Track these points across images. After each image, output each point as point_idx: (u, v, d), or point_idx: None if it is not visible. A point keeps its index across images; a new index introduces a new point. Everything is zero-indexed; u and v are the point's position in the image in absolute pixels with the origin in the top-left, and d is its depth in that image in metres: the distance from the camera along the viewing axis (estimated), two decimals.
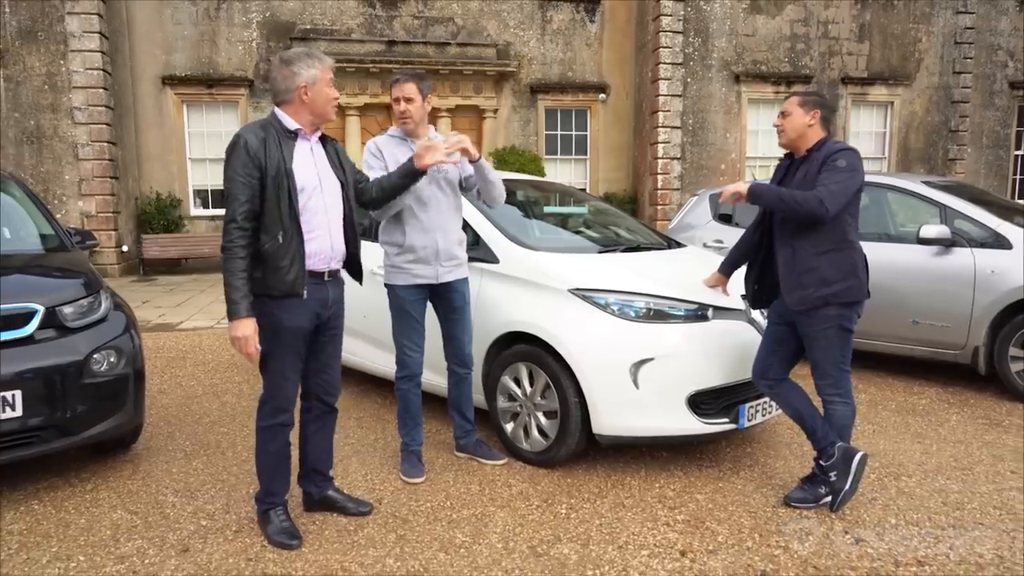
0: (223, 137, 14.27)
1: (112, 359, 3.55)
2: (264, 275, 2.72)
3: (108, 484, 3.53)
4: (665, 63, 14.07)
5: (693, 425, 3.44)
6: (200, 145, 14.34)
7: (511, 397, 3.81)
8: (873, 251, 5.43)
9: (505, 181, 5.03)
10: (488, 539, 2.92)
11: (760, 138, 14.73)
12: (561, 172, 15.85)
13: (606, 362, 3.42)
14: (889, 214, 5.50)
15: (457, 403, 3.82)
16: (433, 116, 14.84)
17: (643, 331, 3.45)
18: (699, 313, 3.56)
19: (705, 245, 6.43)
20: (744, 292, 3.72)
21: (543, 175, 14.93)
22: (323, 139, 2.95)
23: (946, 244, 4.99)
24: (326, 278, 2.90)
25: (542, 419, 3.67)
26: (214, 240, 13.06)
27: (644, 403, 3.41)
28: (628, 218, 5.12)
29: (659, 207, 14.31)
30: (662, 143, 14.28)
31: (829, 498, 3.17)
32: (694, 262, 4.31)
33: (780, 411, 3.74)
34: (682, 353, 3.44)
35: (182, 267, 13.82)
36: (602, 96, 15.54)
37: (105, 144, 12.68)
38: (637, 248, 4.32)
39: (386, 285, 3.58)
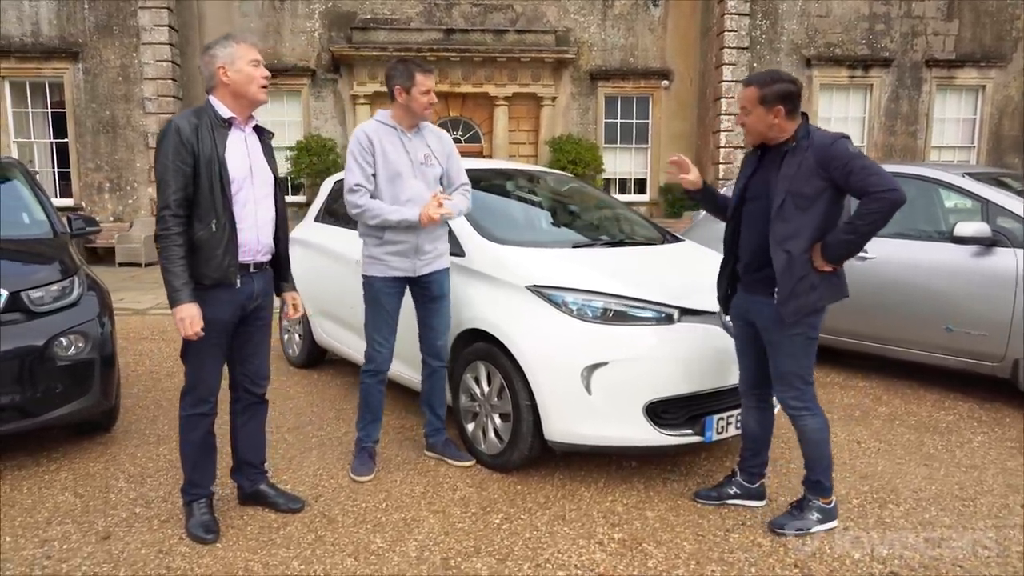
0: (286, 127, 14.67)
1: (80, 343, 3.62)
2: (196, 263, 2.68)
3: (71, 466, 3.61)
4: (730, 47, 13.45)
5: (651, 436, 3.19)
6: None
7: (472, 396, 3.65)
8: (905, 249, 4.99)
9: (497, 170, 4.88)
10: (405, 547, 2.78)
11: (833, 126, 13.83)
12: (620, 161, 15.47)
13: (557, 365, 3.21)
14: (924, 208, 4.98)
15: (429, 398, 3.71)
16: (490, 104, 14.80)
17: (599, 333, 3.21)
18: (664, 316, 3.29)
19: None
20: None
21: (600, 165, 14.63)
22: (260, 130, 2.88)
23: (986, 243, 4.46)
24: (252, 270, 2.83)
25: (498, 421, 3.50)
26: None
27: (597, 410, 3.18)
28: (626, 209, 4.84)
29: None
30: (725, 131, 13.69)
31: (823, 526, 2.88)
32: (681, 259, 4.03)
33: None
34: (640, 358, 3.18)
35: None
36: (665, 83, 15.03)
37: None
38: (620, 243, 4.06)
39: (363, 276, 3.48)
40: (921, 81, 13.80)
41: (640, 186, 15.56)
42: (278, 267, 3.01)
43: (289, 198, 14.57)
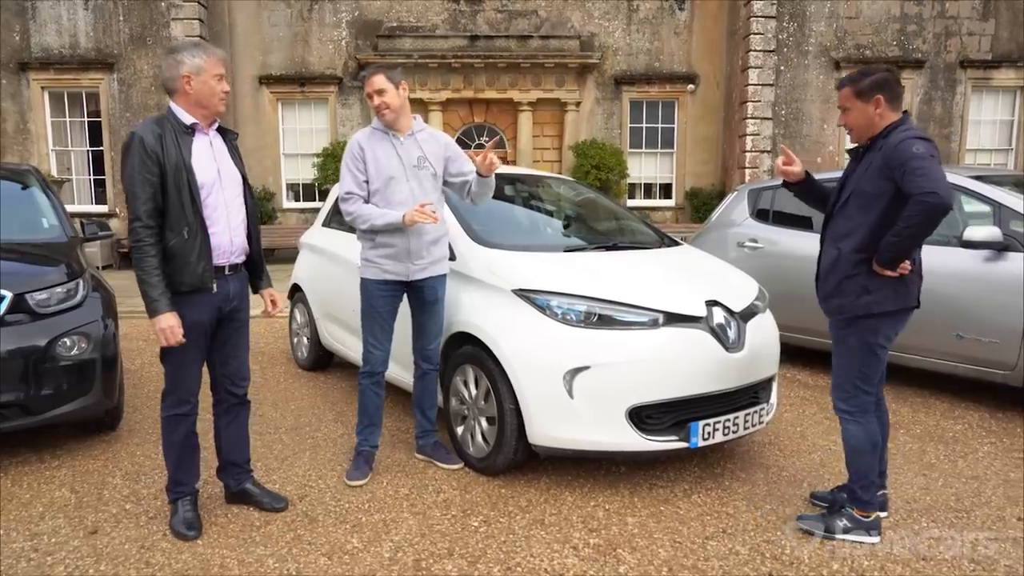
0: (314, 133, 14.91)
1: (82, 344, 3.72)
2: (171, 271, 2.73)
3: (72, 463, 3.71)
4: (756, 50, 13.28)
5: (634, 441, 3.16)
6: (293, 141, 15.03)
7: (461, 400, 3.67)
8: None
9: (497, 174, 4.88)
10: (379, 548, 2.80)
11: None
12: (646, 166, 15.37)
13: (539, 368, 3.20)
14: None
15: (420, 400, 3.74)
16: (515, 110, 14.84)
17: (581, 337, 3.20)
18: (648, 320, 3.26)
19: (740, 245, 5.97)
20: (710, 298, 3.40)
21: (625, 170, 14.57)
22: (223, 132, 2.93)
23: (998, 248, 4.33)
24: (227, 272, 2.88)
25: (484, 424, 3.50)
26: (302, 232, 13.73)
27: (579, 414, 3.16)
28: (624, 213, 4.80)
29: None
30: (751, 135, 13.51)
31: (850, 535, 2.82)
32: (674, 264, 3.99)
33: (748, 431, 3.38)
34: (623, 362, 3.15)
35: (272, 257, 14.54)
36: (691, 87, 14.89)
37: None
38: (614, 247, 4.03)
39: (360, 278, 3.53)
40: (955, 83, 13.44)
41: (666, 191, 15.43)
42: (252, 267, 3.05)
43: (316, 204, 14.79)
